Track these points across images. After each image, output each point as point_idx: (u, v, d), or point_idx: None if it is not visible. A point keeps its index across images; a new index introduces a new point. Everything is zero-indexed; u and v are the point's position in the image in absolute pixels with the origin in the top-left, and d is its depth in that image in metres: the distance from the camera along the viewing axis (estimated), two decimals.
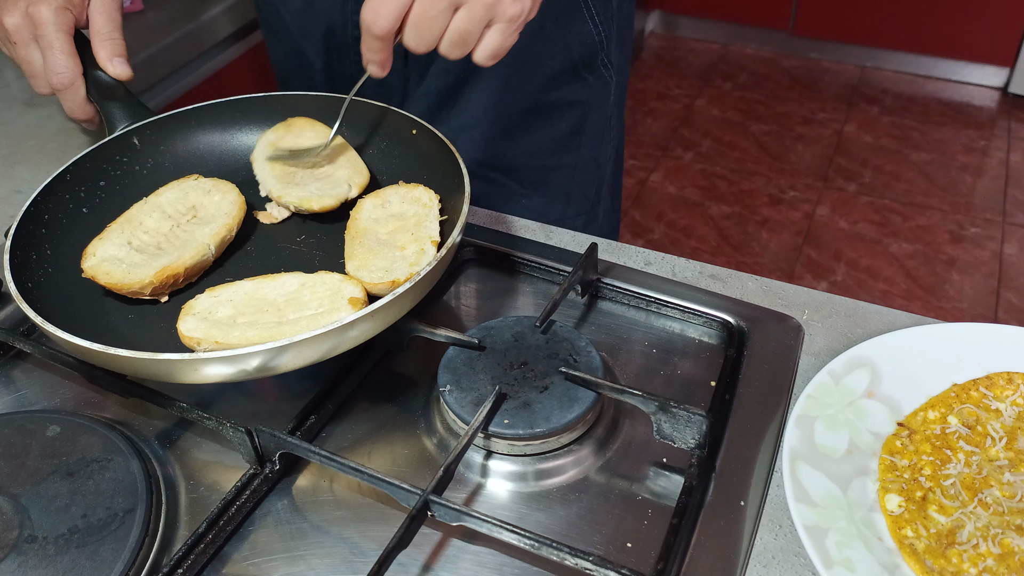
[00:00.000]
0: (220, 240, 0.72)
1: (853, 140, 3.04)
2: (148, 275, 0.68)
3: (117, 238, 0.72)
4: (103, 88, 0.84)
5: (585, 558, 0.52)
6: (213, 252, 0.72)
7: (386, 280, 0.67)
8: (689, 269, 0.79)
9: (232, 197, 0.76)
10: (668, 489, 0.61)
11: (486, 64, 0.67)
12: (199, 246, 0.71)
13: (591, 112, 1.01)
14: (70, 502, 0.58)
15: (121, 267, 0.69)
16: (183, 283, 0.71)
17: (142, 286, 0.68)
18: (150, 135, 0.82)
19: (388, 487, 0.57)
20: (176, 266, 0.69)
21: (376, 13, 0.64)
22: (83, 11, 0.84)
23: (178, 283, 0.70)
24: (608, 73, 1.00)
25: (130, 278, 0.68)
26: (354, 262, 0.69)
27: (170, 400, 0.64)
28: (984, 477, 0.60)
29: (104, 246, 0.71)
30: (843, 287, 2.43)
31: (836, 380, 0.65)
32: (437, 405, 0.66)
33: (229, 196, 0.76)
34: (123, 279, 0.68)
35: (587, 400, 0.62)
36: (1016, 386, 0.65)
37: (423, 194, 0.74)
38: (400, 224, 0.72)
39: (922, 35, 3.24)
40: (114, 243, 0.71)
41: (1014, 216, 2.67)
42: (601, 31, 0.96)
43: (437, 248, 0.69)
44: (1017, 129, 3.06)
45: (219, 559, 0.57)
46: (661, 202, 2.78)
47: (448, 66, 0.95)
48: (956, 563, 0.55)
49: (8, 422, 0.64)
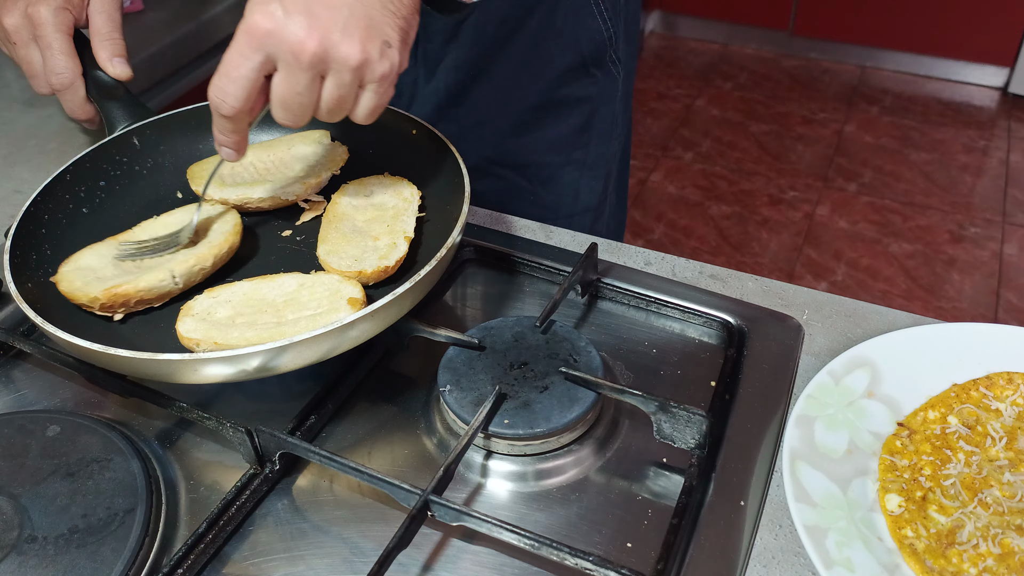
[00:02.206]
0: (185, 269, 0.68)
1: (853, 140, 3.03)
2: (96, 291, 0.65)
3: (106, 250, 0.70)
4: (103, 88, 0.84)
5: (585, 558, 0.52)
6: (177, 282, 0.68)
7: (353, 269, 0.67)
8: (689, 269, 0.79)
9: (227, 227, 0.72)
10: (668, 489, 0.61)
11: (366, 123, 0.63)
12: (162, 273, 0.67)
13: (600, 108, 1.01)
14: (70, 502, 0.58)
15: (85, 278, 0.67)
16: (137, 307, 0.67)
17: (89, 300, 0.65)
18: (150, 135, 0.82)
19: (388, 487, 0.57)
20: (126, 289, 0.66)
21: (223, 92, 0.58)
22: (82, 11, 0.84)
23: (130, 305, 0.67)
24: (616, 69, 1.01)
25: (82, 291, 0.66)
26: (326, 246, 0.70)
27: (170, 400, 0.64)
28: (984, 477, 0.60)
29: (88, 256, 0.69)
30: (843, 287, 2.43)
31: (836, 380, 0.65)
32: (437, 405, 0.66)
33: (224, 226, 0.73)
34: (76, 290, 0.66)
35: (587, 400, 0.62)
36: (1016, 386, 0.65)
37: (405, 188, 0.75)
38: (378, 214, 0.73)
39: (922, 35, 3.23)
40: (99, 253, 0.70)
41: (1014, 216, 2.67)
42: (610, 27, 0.97)
43: (410, 244, 0.69)
44: (1017, 129, 3.06)
45: (219, 559, 0.57)
46: (661, 202, 2.78)
47: (458, 64, 0.95)
48: (956, 563, 0.55)
49: (8, 422, 0.64)
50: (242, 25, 0.57)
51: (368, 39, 0.57)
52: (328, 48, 0.56)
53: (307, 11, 0.56)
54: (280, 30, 0.56)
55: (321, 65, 0.57)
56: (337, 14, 0.56)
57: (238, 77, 0.58)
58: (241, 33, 0.57)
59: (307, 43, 0.56)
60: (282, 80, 0.58)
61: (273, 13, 0.56)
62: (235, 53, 0.57)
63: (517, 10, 0.91)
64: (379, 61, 0.58)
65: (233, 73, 0.58)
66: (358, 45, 0.57)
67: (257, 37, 0.56)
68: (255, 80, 0.58)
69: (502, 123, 0.98)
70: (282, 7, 0.56)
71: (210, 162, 0.80)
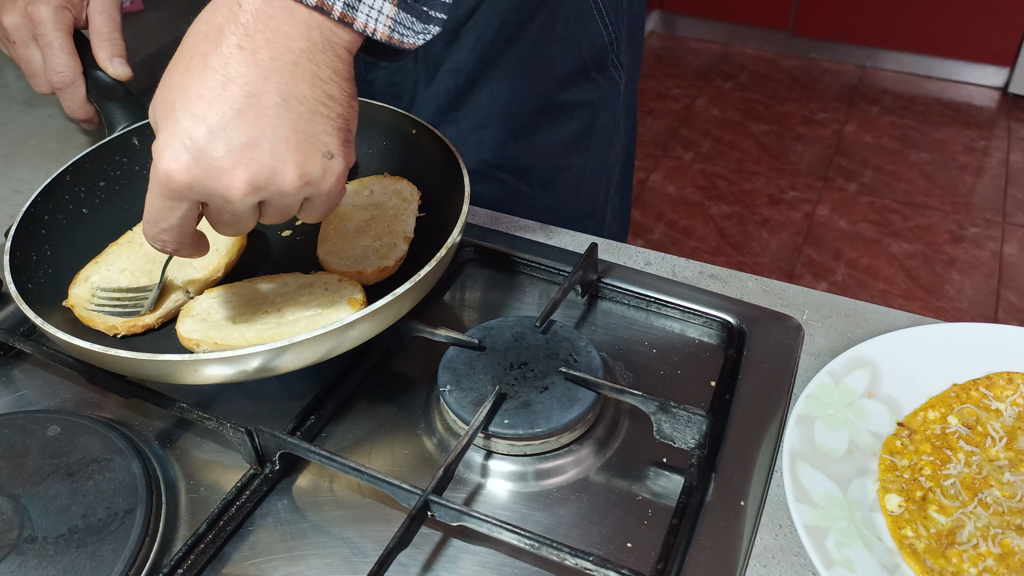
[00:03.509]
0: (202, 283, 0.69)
1: (853, 140, 3.04)
2: (116, 322, 0.66)
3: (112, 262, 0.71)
4: (103, 88, 0.84)
5: (585, 558, 0.52)
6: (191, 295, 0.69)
7: (353, 269, 0.67)
8: (689, 269, 0.79)
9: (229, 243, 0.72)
10: (668, 489, 0.61)
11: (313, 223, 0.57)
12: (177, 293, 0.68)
13: (601, 113, 1.01)
14: (70, 502, 0.58)
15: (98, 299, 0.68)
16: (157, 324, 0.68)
17: (107, 328, 0.66)
18: (150, 135, 0.82)
19: (388, 487, 0.57)
20: (146, 321, 0.67)
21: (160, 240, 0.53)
22: (82, 10, 0.84)
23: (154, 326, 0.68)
24: (618, 73, 1.00)
25: (101, 320, 0.67)
26: (326, 246, 0.70)
27: (170, 400, 0.64)
28: (984, 477, 0.60)
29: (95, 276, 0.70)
30: (843, 287, 2.43)
31: (836, 380, 0.65)
32: (437, 405, 0.66)
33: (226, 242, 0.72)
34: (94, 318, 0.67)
35: (587, 400, 0.62)
36: (1016, 386, 0.65)
37: (405, 187, 0.75)
38: (377, 214, 0.73)
39: (922, 35, 3.24)
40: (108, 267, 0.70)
41: (1014, 216, 2.67)
42: (611, 32, 0.96)
43: (410, 244, 0.69)
44: (1017, 129, 3.06)
45: (219, 559, 0.57)
46: (661, 202, 2.78)
47: (458, 67, 0.95)
48: (956, 563, 0.55)
49: (8, 422, 0.64)
50: (154, 174, 0.49)
51: (306, 159, 0.49)
52: (259, 183, 0.49)
53: (226, 146, 0.47)
54: (200, 178, 0.48)
55: (256, 196, 0.50)
56: (263, 140, 0.48)
57: (171, 227, 0.52)
58: (156, 184, 0.49)
59: (235, 186, 0.48)
60: (215, 215, 0.52)
61: (182, 158, 0.47)
62: (157, 203, 0.50)
63: (518, 14, 0.91)
64: (323, 178, 0.51)
65: (163, 224, 0.52)
66: (295, 170, 0.49)
67: (175, 190, 0.49)
68: (189, 221, 0.52)
69: (502, 127, 0.98)
70: (194, 145, 0.47)
71: None
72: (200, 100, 0.47)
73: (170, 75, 0.49)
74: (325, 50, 0.49)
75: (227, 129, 0.47)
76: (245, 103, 0.47)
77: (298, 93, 0.48)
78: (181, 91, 0.48)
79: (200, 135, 0.47)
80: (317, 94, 0.49)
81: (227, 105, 0.47)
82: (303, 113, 0.49)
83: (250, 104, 0.47)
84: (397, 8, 0.50)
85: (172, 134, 0.48)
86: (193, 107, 0.47)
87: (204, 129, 0.47)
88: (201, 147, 0.47)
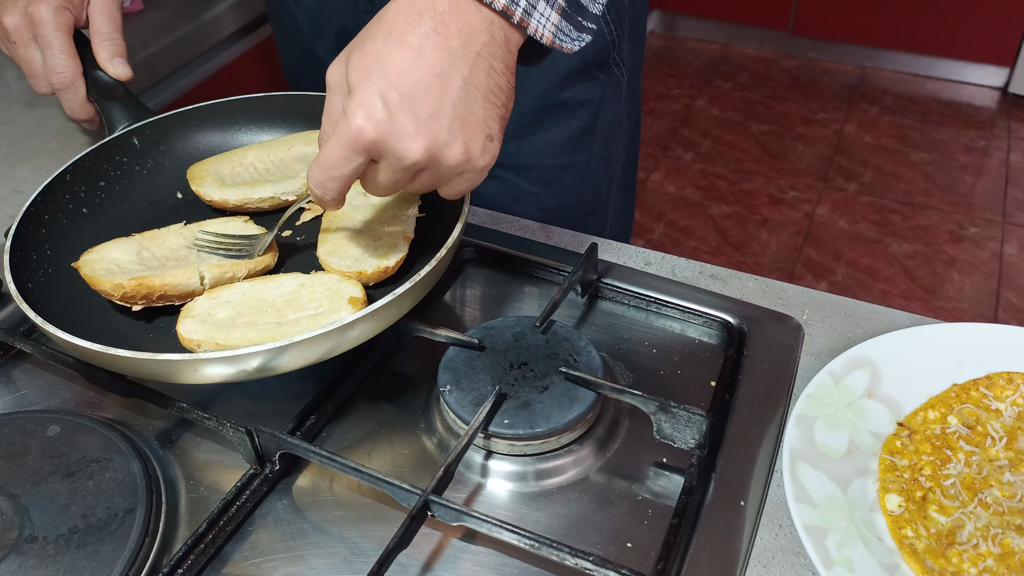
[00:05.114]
0: (217, 274, 0.69)
1: (853, 140, 3.03)
2: (122, 279, 0.66)
3: (131, 246, 0.71)
4: (103, 88, 0.84)
5: (585, 558, 0.52)
6: (205, 284, 0.68)
7: (354, 269, 0.67)
8: (689, 269, 0.79)
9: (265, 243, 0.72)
10: (668, 489, 0.61)
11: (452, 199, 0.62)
12: (191, 272, 0.68)
13: (603, 111, 1.01)
14: (70, 502, 0.58)
15: (108, 268, 0.67)
16: (159, 302, 0.67)
17: (113, 288, 0.66)
18: (150, 135, 0.82)
19: (388, 487, 0.57)
20: (152, 281, 0.66)
21: (324, 188, 0.58)
22: (82, 11, 0.84)
23: (152, 299, 0.67)
24: (620, 71, 1.00)
25: (106, 278, 0.66)
26: (326, 246, 0.70)
27: (170, 400, 0.64)
28: (984, 477, 0.60)
29: (112, 249, 0.70)
30: (843, 287, 2.43)
31: (836, 380, 0.65)
32: (437, 405, 0.66)
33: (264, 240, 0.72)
34: (99, 277, 0.66)
35: (587, 400, 0.62)
36: (1016, 386, 0.65)
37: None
38: (378, 215, 0.73)
39: (922, 35, 3.23)
40: (124, 248, 0.70)
41: (1014, 216, 2.67)
42: (613, 30, 0.96)
43: (410, 244, 0.69)
44: (1017, 129, 3.06)
45: (219, 559, 0.57)
46: (661, 202, 2.78)
47: None
48: (956, 563, 0.55)
49: (8, 422, 0.64)
50: (345, 127, 0.54)
51: (472, 138, 0.56)
52: (434, 153, 0.55)
53: (412, 114, 0.54)
54: (385, 137, 0.54)
55: (424, 162, 0.56)
56: (443, 115, 0.54)
57: (340, 176, 0.57)
58: (344, 135, 0.55)
59: (413, 150, 0.54)
60: (381, 172, 0.57)
61: (376, 116, 0.53)
62: (338, 153, 0.56)
63: None
64: (481, 156, 0.57)
65: (335, 172, 0.57)
66: (462, 146, 0.56)
67: (362, 144, 0.54)
68: (356, 174, 0.57)
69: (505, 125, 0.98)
70: (385, 108, 0.53)
71: (228, 171, 0.80)
72: (395, 70, 0.53)
73: (368, 43, 0.55)
74: (500, 46, 0.56)
75: (415, 99, 0.53)
76: (433, 81, 0.54)
77: (476, 80, 0.55)
78: (379, 59, 0.54)
79: (393, 100, 0.53)
80: (489, 83, 0.56)
81: (418, 79, 0.53)
82: (477, 98, 0.56)
83: (437, 82, 0.54)
84: (560, 17, 0.58)
85: (369, 95, 0.53)
86: (389, 74, 0.53)
87: (397, 96, 0.53)
88: (393, 111, 0.53)
